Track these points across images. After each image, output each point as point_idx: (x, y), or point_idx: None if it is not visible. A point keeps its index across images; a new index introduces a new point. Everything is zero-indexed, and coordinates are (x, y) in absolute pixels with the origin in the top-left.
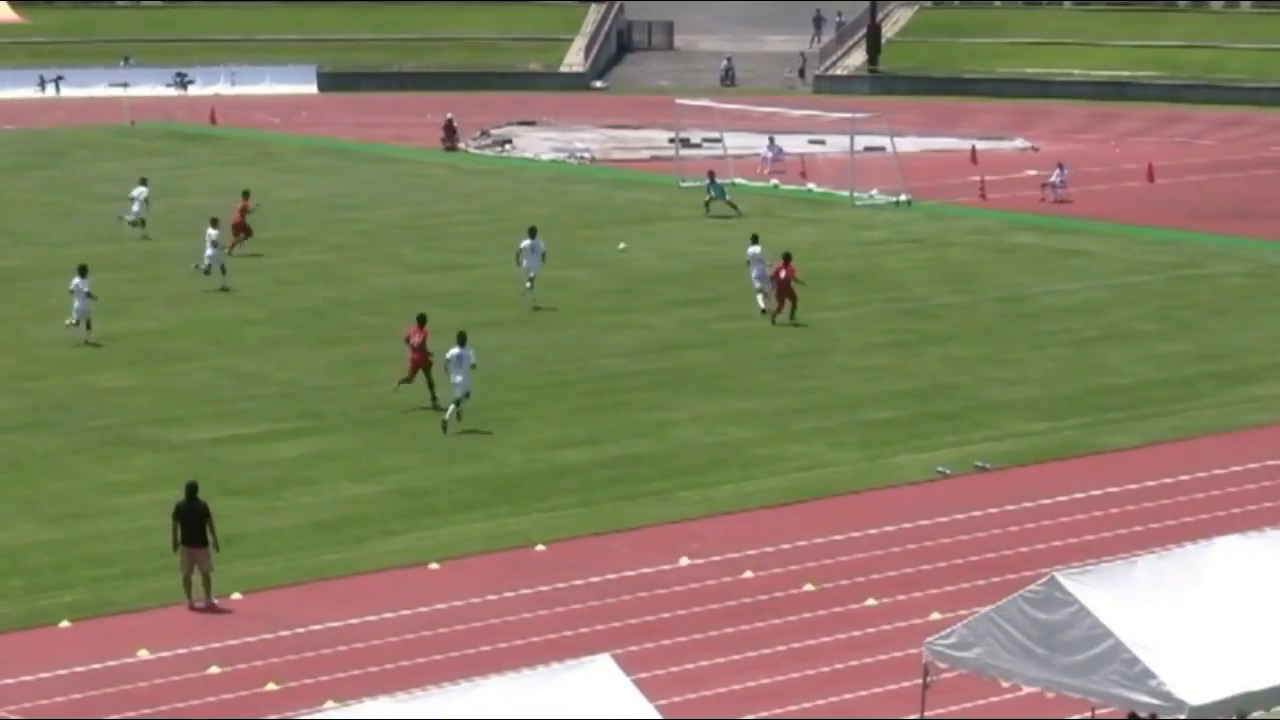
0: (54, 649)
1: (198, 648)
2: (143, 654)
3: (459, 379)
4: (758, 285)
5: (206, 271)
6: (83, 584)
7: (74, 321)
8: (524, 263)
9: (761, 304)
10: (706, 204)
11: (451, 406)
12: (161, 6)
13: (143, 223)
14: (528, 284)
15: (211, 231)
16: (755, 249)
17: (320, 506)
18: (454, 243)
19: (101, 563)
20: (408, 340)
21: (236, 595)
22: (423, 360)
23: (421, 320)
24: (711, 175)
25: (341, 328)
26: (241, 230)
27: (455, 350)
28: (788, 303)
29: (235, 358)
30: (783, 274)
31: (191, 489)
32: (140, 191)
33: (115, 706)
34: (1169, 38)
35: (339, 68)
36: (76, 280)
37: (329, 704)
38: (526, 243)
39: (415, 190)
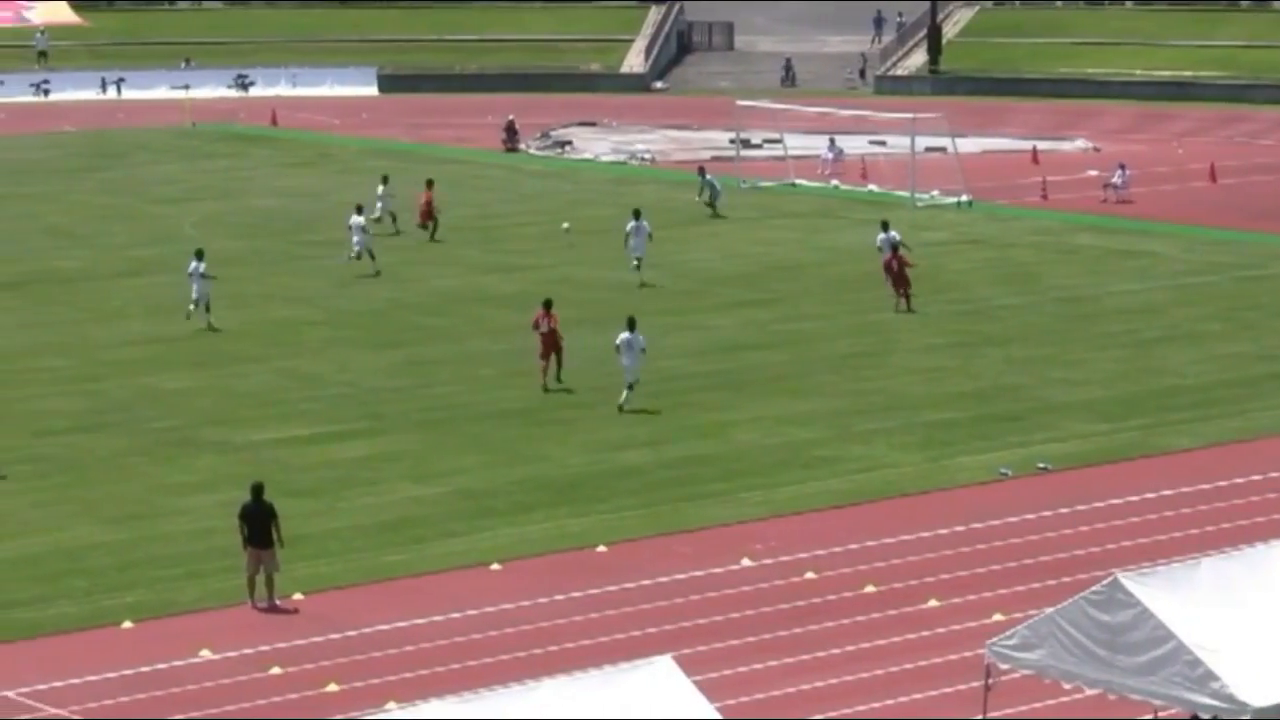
0: (116, 649)
1: (260, 648)
2: (205, 654)
3: (628, 363)
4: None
5: (357, 257)
6: (144, 584)
7: (194, 305)
8: (630, 243)
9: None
10: (708, 203)
11: (625, 391)
12: (223, 9)
13: (393, 217)
14: (634, 264)
15: (357, 219)
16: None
17: (381, 507)
18: (514, 244)
19: (163, 563)
20: (536, 326)
21: (298, 596)
22: (553, 344)
23: (548, 305)
24: (702, 170)
25: (402, 329)
26: (428, 218)
27: (625, 335)
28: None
29: (296, 359)
30: (894, 264)
31: (257, 490)
32: (380, 190)
33: (177, 707)
34: (1230, 37)
35: (399, 70)
36: (194, 264)
37: (390, 705)
38: (632, 224)
39: (476, 192)
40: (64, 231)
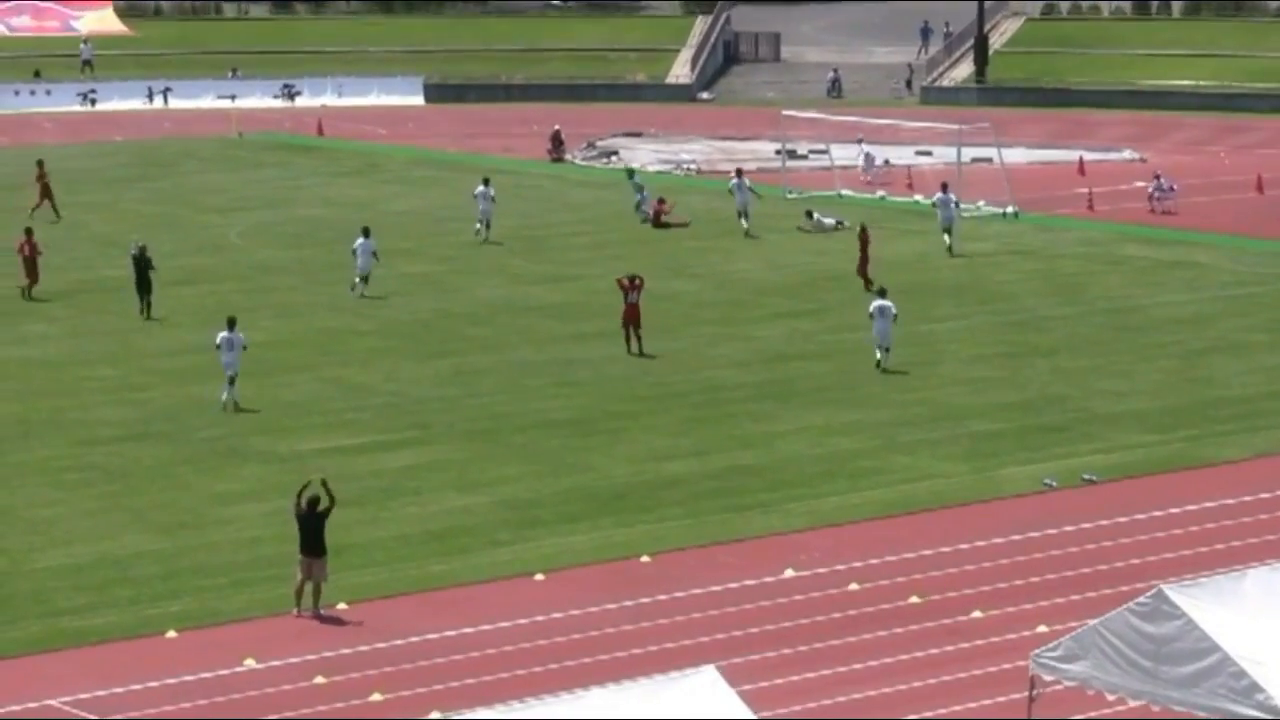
0: (161, 658)
1: (305, 657)
2: (249, 663)
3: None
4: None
5: (361, 281)
6: (190, 593)
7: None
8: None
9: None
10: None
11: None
12: (269, 19)
13: (486, 224)
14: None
15: (363, 241)
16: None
17: (426, 517)
18: (561, 254)
19: (209, 573)
20: (621, 288)
21: (343, 605)
22: (633, 315)
23: (634, 278)
24: (631, 173)
25: (448, 339)
26: None
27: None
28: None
29: (343, 369)
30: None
31: (313, 500)
32: (481, 191)
33: (222, 716)
34: (1276, 49)
35: (446, 79)
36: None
37: (434, 714)
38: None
39: (522, 201)
40: (111, 240)
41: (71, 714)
